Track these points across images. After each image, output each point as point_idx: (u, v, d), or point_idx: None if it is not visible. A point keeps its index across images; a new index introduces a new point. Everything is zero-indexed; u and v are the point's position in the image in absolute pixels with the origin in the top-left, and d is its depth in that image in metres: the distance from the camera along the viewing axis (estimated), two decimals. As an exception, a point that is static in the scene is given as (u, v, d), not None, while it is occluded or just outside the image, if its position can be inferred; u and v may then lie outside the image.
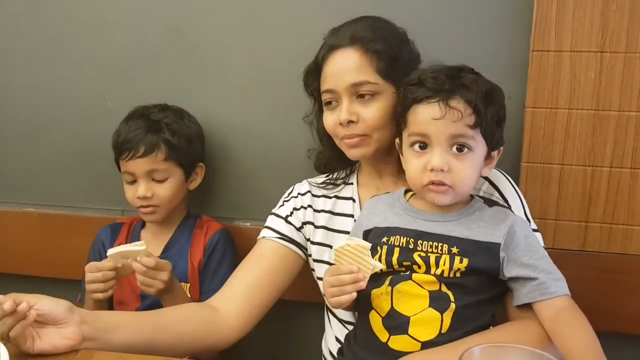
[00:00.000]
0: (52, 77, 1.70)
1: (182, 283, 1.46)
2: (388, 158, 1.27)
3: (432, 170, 1.04)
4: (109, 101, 1.66)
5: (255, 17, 1.56)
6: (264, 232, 1.36)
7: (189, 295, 1.46)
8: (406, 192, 1.18)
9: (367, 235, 1.15)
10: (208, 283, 1.49)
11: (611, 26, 1.32)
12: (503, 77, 1.40)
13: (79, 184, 1.74)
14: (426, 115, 1.05)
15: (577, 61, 1.35)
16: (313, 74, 1.30)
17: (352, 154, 1.25)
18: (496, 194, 1.21)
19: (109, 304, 1.51)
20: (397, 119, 1.14)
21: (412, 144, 1.08)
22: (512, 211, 1.16)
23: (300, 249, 1.35)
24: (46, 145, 1.73)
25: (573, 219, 1.41)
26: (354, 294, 1.03)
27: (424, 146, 1.07)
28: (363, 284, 1.01)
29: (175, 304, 1.32)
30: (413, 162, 1.08)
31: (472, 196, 1.15)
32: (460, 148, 1.04)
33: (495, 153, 1.11)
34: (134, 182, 1.47)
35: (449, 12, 1.45)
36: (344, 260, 1.04)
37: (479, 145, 1.06)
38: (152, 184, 1.46)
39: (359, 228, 1.18)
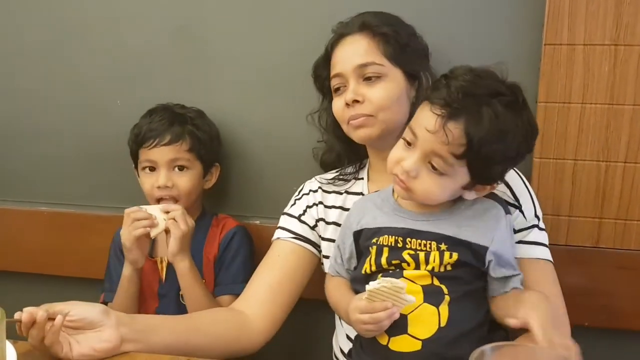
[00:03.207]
0: (62, 77, 1.70)
1: None
2: None
3: (402, 167, 1.03)
4: (118, 100, 1.66)
5: (265, 16, 1.55)
6: (278, 233, 1.36)
7: None
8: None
9: (357, 236, 1.13)
10: (222, 275, 1.49)
11: (625, 19, 1.29)
12: (515, 71, 1.37)
13: (90, 183, 1.74)
14: (423, 120, 1.01)
15: (590, 55, 1.32)
16: (323, 65, 1.33)
17: (358, 135, 1.25)
18: (508, 192, 1.20)
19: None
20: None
21: (405, 135, 1.05)
22: (521, 212, 1.17)
23: (315, 248, 1.35)
24: (56, 145, 1.74)
25: (587, 215, 1.39)
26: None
27: (409, 143, 1.03)
28: (397, 316, 1.00)
29: (195, 287, 1.38)
30: (395, 149, 1.07)
31: None
32: (434, 168, 1.01)
33: (487, 187, 1.06)
34: (153, 170, 1.47)
35: (460, 5, 1.43)
36: (377, 298, 1.01)
37: (458, 174, 1.01)
38: (172, 173, 1.45)
39: (349, 229, 1.16)
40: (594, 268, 1.40)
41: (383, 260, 1.07)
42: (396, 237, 1.07)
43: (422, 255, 1.04)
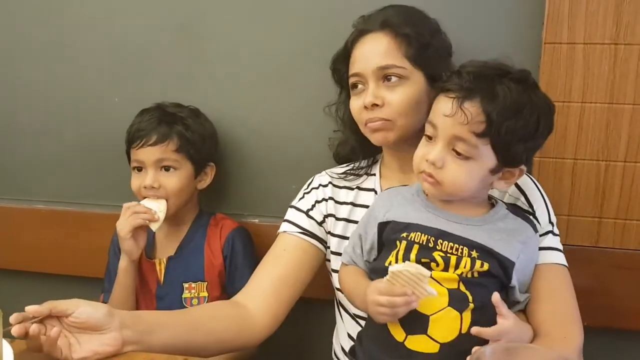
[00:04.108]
0: (60, 75, 1.69)
1: (199, 282, 1.48)
2: (413, 149, 1.21)
3: (427, 160, 1.04)
4: (116, 98, 1.66)
5: (264, 14, 1.54)
6: (285, 226, 1.34)
7: (207, 294, 1.48)
8: None
9: (383, 227, 1.12)
10: (239, 282, 1.47)
11: (625, 18, 1.29)
12: (514, 70, 1.39)
13: (88, 181, 1.74)
14: (440, 108, 1.04)
15: (590, 54, 1.32)
16: (342, 60, 1.30)
17: (375, 138, 1.24)
18: (522, 198, 1.20)
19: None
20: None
21: (425, 132, 1.07)
22: (535, 219, 1.16)
23: (321, 243, 1.33)
24: (54, 143, 1.74)
25: (586, 214, 1.39)
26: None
27: (431, 138, 1.06)
28: (415, 305, 0.99)
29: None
30: (419, 148, 1.08)
31: (495, 201, 1.13)
32: (459, 153, 1.02)
33: (515, 170, 1.06)
34: (141, 170, 1.46)
35: (458, 4, 1.43)
36: (397, 282, 0.99)
37: (483, 156, 1.01)
38: (159, 174, 1.45)
39: (373, 219, 1.14)
40: (593, 268, 1.40)
41: (412, 256, 1.05)
42: (428, 237, 1.05)
43: (453, 259, 1.03)
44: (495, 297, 0.97)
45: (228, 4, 1.56)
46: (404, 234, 1.07)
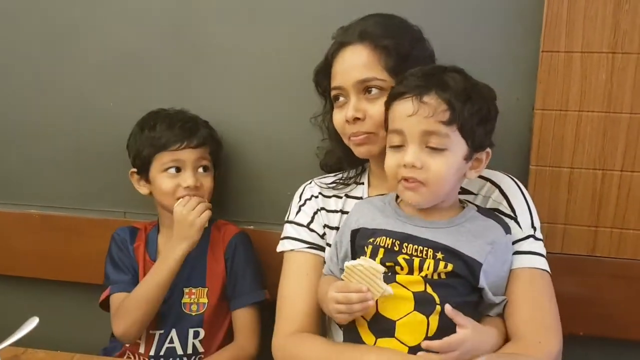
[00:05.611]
0: (55, 79, 1.68)
1: (200, 288, 1.48)
2: None
3: (404, 166, 1.04)
4: (111, 102, 1.65)
5: (263, 18, 1.53)
6: (291, 244, 1.31)
7: (207, 300, 1.48)
8: (398, 195, 1.16)
9: (354, 235, 1.14)
10: (240, 286, 1.48)
11: (623, 26, 1.29)
12: (512, 78, 1.39)
13: (81, 186, 1.72)
14: (401, 112, 1.05)
15: (588, 62, 1.32)
16: (323, 73, 1.29)
17: (359, 151, 1.24)
18: (504, 202, 1.19)
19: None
20: (384, 120, 1.13)
21: (390, 142, 1.08)
22: (517, 223, 1.16)
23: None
24: (48, 147, 1.72)
25: (583, 223, 1.39)
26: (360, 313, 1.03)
27: (399, 146, 1.06)
28: (371, 304, 1.00)
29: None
30: (389, 159, 1.08)
31: (465, 204, 1.14)
32: (433, 148, 1.03)
33: (482, 155, 1.09)
34: (179, 171, 1.45)
35: (456, 12, 1.43)
36: (353, 278, 1.02)
37: (456, 144, 1.03)
38: (198, 174, 1.47)
39: (347, 228, 1.16)
40: (589, 276, 1.40)
41: (377, 260, 1.06)
42: (393, 240, 1.07)
43: (416, 261, 1.04)
44: (448, 308, 0.99)
45: (224, 8, 1.55)
46: (371, 239, 1.09)
